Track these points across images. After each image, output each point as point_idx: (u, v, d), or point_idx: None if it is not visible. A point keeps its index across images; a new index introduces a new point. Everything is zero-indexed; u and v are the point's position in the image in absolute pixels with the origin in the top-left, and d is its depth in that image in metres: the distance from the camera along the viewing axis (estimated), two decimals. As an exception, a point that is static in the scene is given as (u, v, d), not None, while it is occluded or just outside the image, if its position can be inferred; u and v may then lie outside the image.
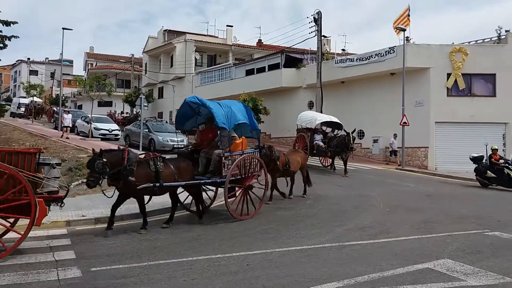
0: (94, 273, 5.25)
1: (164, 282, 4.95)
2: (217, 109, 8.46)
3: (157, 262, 5.67)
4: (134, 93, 40.16)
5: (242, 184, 8.80)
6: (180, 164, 8.07)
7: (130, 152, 7.43)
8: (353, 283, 4.92)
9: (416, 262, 5.74)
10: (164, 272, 5.28)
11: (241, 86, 28.26)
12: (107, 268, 5.40)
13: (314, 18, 22.77)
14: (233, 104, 9.15)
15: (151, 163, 7.49)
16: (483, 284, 4.98)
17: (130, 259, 5.83)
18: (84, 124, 24.14)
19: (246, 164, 8.80)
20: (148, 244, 6.62)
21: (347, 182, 14.01)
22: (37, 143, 17.71)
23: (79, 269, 5.35)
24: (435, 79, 20.02)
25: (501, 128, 19.68)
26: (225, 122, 8.36)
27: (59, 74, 33.19)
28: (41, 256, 5.92)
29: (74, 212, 8.46)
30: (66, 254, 6.05)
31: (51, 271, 5.28)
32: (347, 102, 22.79)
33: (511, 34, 20.16)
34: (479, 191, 13.94)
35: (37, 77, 56.28)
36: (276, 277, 5.11)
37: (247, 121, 9.24)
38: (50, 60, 63.65)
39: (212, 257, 5.89)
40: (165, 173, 7.61)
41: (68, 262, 5.65)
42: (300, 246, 6.51)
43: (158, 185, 7.43)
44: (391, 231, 7.67)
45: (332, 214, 9.19)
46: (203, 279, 5.03)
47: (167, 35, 41.35)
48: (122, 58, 49.53)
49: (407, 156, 20.03)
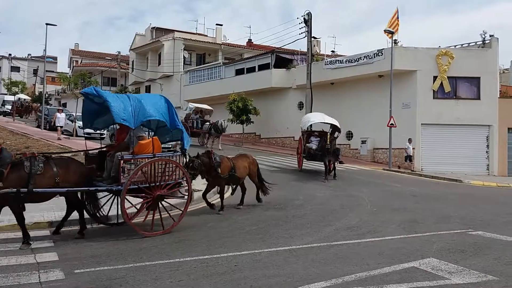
0: (78, 275, 5.13)
1: (150, 283, 4.87)
2: (115, 101, 7.16)
3: (143, 263, 5.58)
4: (120, 91, 39.61)
5: (149, 194, 7.27)
6: (69, 166, 6.92)
7: (4, 151, 6.43)
8: (340, 283, 4.96)
9: (402, 261, 5.83)
10: (150, 273, 5.19)
11: (231, 86, 28.11)
12: (91, 270, 5.28)
13: (304, 19, 22.87)
14: (147, 98, 7.84)
15: (26, 164, 6.45)
16: (466, 282, 5.08)
17: (115, 260, 5.72)
18: (68, 123, 23.65)
19: (158, 170, 7.35)
20: (134, 245, 6.53)
21: (336, 183, 14.12)
22: (18, 142, 17.31)
23: (62, 271, 5.21)
24: (422, 81, 20.33)
25: (485, 130, 20.10)
26: (126, 118, 7.07)
27: (42, 71, 32.45)
28: (22, 258, 5.76)
29: (57, 213, 8.13)
30: (48, 256, 5.89)
31: (32, 274, 5.13)
32: (336, 103, 22.96)
33: (495, 39, 20.57)
34: (462, 191, 14.19)
35: (19, 74, 55.06)
36: (264, 277, 5.11)
37: (164, 118, 7.61)
38: (33, 57, 62.06)
39: (199, 258, 5.83)
40: (43, 177, 6.49)
41: (51, 264, 5.51)
42: (289, 246, 6.52)
43: (25, 191, 6.28)
44: (378, 231, 7.77)
45: (320, 214, 9.23)
46: (190, 281, 4.97)
47: (155, 33, 40.92)
48: (109, 55, 48.69)
49: (394, 157, 20.30)
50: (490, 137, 19.99)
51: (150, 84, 39.93)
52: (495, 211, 10.57)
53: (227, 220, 8.50)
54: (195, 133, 22.83)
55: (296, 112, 25.34)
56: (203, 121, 23.46)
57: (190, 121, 23.14)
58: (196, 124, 23.28)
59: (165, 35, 38.17)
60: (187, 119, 23.04)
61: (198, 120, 23.47)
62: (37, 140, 18.10)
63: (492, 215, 9.88)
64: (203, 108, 24.39)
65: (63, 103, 44.42)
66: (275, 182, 11.09)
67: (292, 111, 25.91)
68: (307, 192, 11.90)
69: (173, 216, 7.58)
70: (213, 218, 8.59)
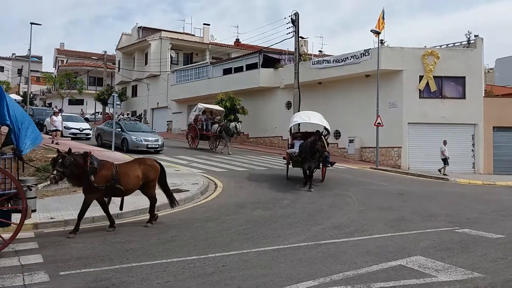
0: (63, 277, 5.06)
1: (137, 284, 4.83)
2: None
3: (129, 264, 5.52)
4: (106, 91, 39.40)
5: None
6: None
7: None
8: (328, 281, 4.97)
9: (390, 260, 5.86)
10: (137, 275, 5.14)
11: (219, 86, 28.10)
12: (76, 272, 5.22)
13: (292, 19, 22.87)
14: None
15: None
16: (453, 280, 5.12)
17: (101, 262, 5.65)
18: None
19: None
20: (120, 246, 6.43)
21: (323, 182, 14.10)
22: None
23: (47, 274, 5.14)
24: (408, 81, 20.54)
25: (470, 129, 20.39)
26: None
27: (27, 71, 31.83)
28: (6, 261, 5.66)
29: (42, 214, 8.01)
30: (33, 258, 5.80)
31: (17, 276, 5.06)
32: (324, 103, 23.04)
33: (480, 39, 20.91)
34: (449, 189, 14.36)
35: (3, 74, 54.41)
36: (252, 277, 5.09)
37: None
38: (18, 56, 61.53)
39: (187, 259, 5.79)
40: None
41: (35, 267, 5.44)
42: (277, 246, 6.51)
43: None
44: (365, 229, 7.79)
45: (308, 213, 9.23)
46: (178, 281, 4.94)
47: (141, 32, 40.88)
48: (95, 55, 48.55)
49: (381, 156, 20.46)
50: (476, 136, 20.29)
51: (137, 84, 39.77)
52: (481, 209, 10.68)
53: (214, 220, 8.41)
54: (205, 136, 21.69)
55: (284, 112, 25.37)
56: (213, 122, 21.97)
57: (199, 123, 21.95)
58: (206, 126, 21.87)
59: (152, 35, 38.09)
60: (195, 121, 22.03)
61: (208, 122, 22.03)
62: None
63: (478, 213, 9.99)
64: (213, 108, 22.96)
65: (48, 103, 43.74)
66: (264, 181, 10.92)
67: (280, 110, 25.94)
68: (295, 192, 11.87)
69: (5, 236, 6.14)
70: (200, 219, 8.48)
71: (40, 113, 27.31)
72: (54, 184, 7.95)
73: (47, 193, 10.26)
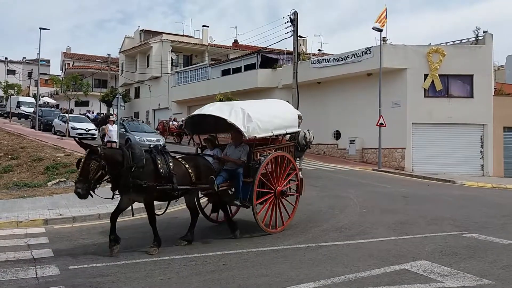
0: (72, 271, 5.26)
1: (141, 280, 4.98)
2: None
3: (134, 261, 5.69)
4: (110, 92, 40.06)
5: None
6: None
7: None
8: (329, 284, 4.84)
9: (393, 263, 5.64)
10: (141, 270, 5.30)
11: (217, 86, 28.01)
12: (84, 267, 5.41)
13: (290, 18, 22.29)
14: None
15: None
16: (460, 286, 4.85)
17: (107, 257, 5.83)
18: (62, 124, 24.12)
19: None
20: (125, 243, 6.42)
21: (324, 183, 13.56)
22: (14, 142, 17.81)
23: (57, 267, 5.35)
24: (412, 80, 19.84)
25: (478, 129, 19.56)
26: None
27: (37, 74, 32.40)
28: (20, 254, 5.97)
29: (52, 210, 8.68)
30: (44, 252, 6.09)
31: (30, 269, 5.29)
32: (324, 103, 22.48)
33: (489, 35, 20.09)
34: (456, 193, 13.67)
35: (15, 77, 56.04)
36: (252, 276, 5.11)
37: None
38: (28, 60, 63.47)
39: (188, 256, 5.91)
40: None
41: (46, 260, 5.70)
42: (276, 246, 6.48)
43: None
44: (367, 232, 7.53)
45: (308, 215, 8.91)
46: (180, 278, 5.06)
47: (143, 35, 41.69)
48: (99, 58, 50.51)
49: (384, 157, 19.72)
50: (485, 137, 19.45)
51: (139, 86, 40.43)
52: (490, 213, 10.06)
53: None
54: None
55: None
56: None
57: None
58: None
59: (153, 38, 38.72)
60: None
61: None
62: (31, 140, 18.38)
63: (487, 217, 9.37)
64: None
65: (55, 105, 44.31)
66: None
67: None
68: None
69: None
70: (202, 217, 8.04)
71: (49, 114, 28.34)
72: None
73: (56, 191, 10.92)
